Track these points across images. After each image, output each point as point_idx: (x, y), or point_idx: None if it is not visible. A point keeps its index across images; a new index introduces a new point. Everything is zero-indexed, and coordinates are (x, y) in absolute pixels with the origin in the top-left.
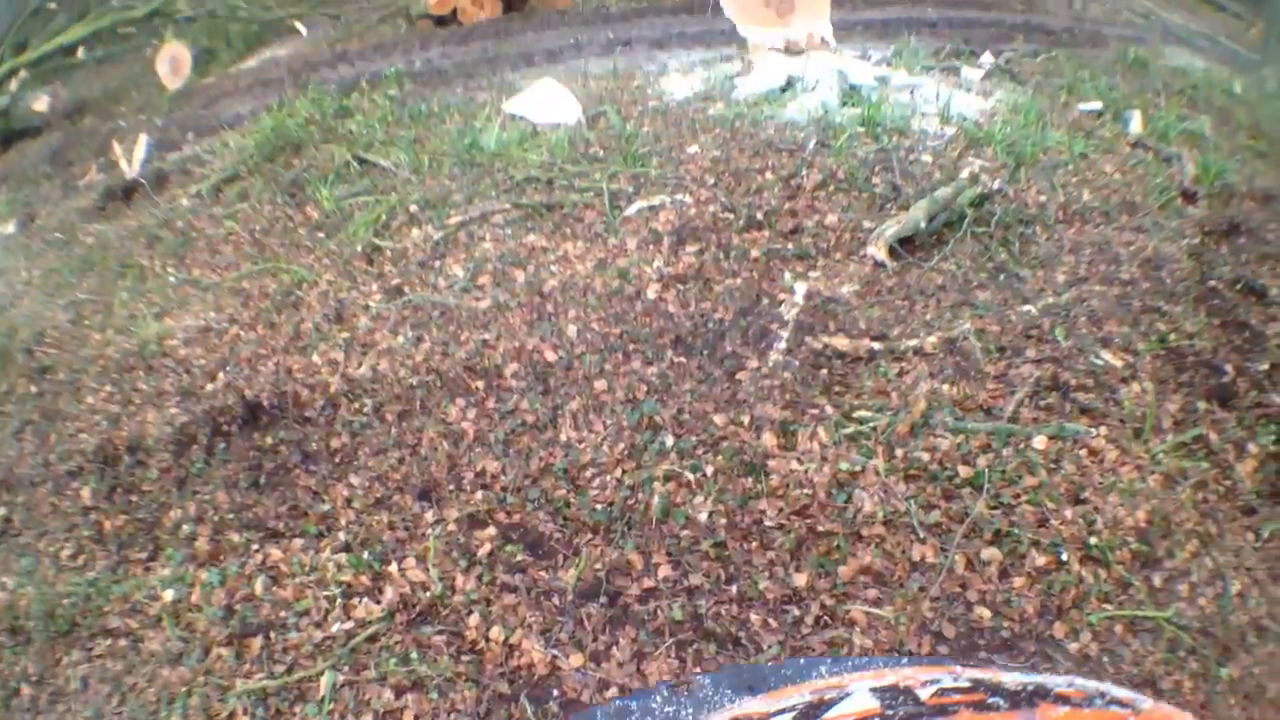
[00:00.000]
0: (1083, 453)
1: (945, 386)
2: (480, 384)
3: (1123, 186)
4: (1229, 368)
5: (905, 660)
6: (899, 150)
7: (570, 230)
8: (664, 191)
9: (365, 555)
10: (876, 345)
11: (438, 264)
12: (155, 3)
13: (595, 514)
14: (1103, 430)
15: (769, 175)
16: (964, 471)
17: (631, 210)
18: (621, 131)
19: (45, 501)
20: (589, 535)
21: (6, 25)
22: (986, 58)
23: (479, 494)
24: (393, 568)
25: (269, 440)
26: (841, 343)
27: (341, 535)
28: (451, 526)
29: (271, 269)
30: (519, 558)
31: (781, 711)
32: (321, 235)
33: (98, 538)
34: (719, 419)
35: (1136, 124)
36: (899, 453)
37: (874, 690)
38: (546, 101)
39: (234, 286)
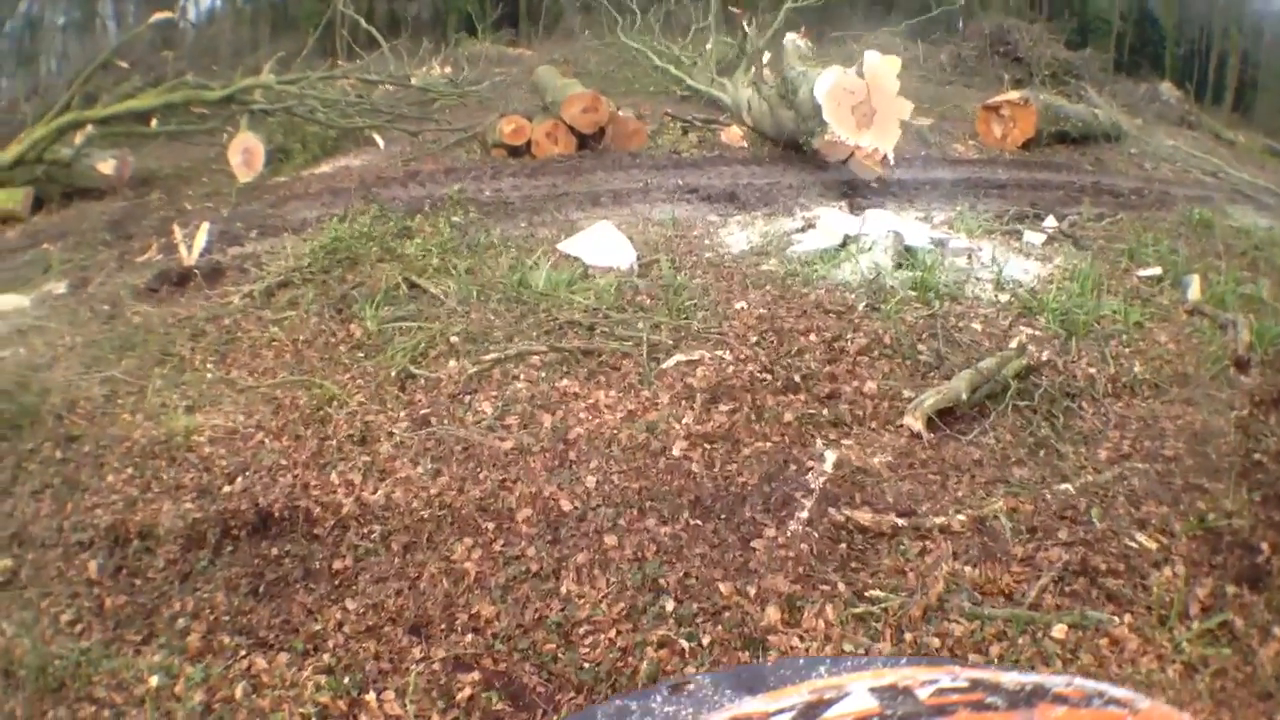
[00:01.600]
0: (1103, 642)
1: (968, 568)
2: (491, 525)
3: (1175, 357)
4: (1265, 546)
5: (904, 660)
6: (948, 317)
7: (604, 379)
8: (704, 346)
9: (346, 680)
10: (901, 521)
11: (468, 399)
12: (232, 88)
13: (582, 672)
14: (1127, 618)
15: (813, 337)
16: (974, 660)
17: (669, 363)
18: (671, 282)
19: (53, 564)
20: (572, 693)
21: (73, 71)
22: (1050, 221)
23: (469, 636)
24: (370, 697)
25: (274, 551)
26: (865, 517)
27: (327, 657)
28: (436, 665)
29: (306, 382)
30: (498, 706)
31: (781, 711)
32: (360, 355)
33: (97, 611)
34: (725, 587)
35: (1195, 289)
36: (908, 636)
37: (873, 690)
38: (602, 244)
39: (268, 393)
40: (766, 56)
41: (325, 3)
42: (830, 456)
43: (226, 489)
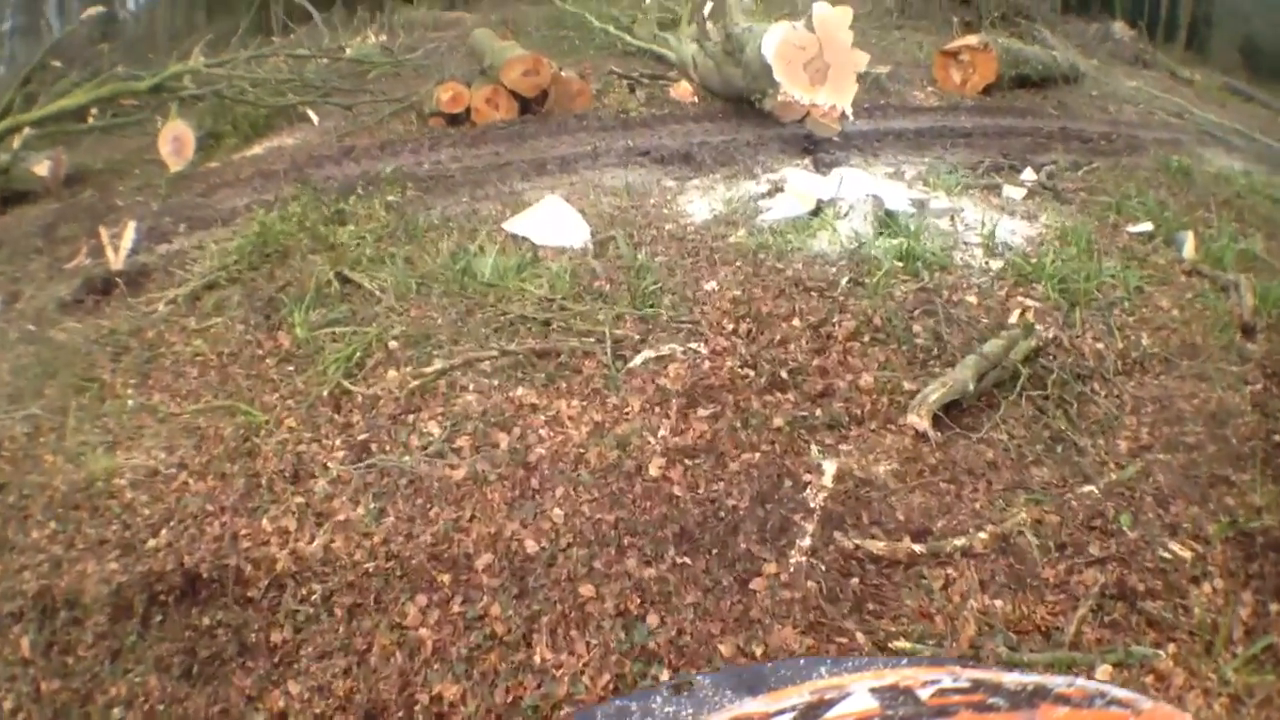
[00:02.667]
0: (1149, 679)
1: (998, 602)
2: (446, 577)
3: (1181, 325)
4: None
5: (905, 660)
6: (940, 290)
7: (566, 384)
8: (676, 338)
9: None
10: (918, 547)
11: (411, 418)
12: (160, 76)
13: None
14: (1171, 649)
15: (796, 322)
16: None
17: (637, 361)
18: (631, 262)
19: None
20: None
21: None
22: (1028, 174)
23: None
24: None
25: (206, 621)
26: (877, 545)
27: None
28: None
29: (230, 407)
30: None
31: (781, 712)
32: (290, 369)
33: (35, 697)
34: (725, 646)
35: (1189, 247)
36: None
37: (874, 690)
38: (552, 222)
39: (190, 423)
40: (708, 7)
41: None
42: (829, 467)
43: (151, 543)
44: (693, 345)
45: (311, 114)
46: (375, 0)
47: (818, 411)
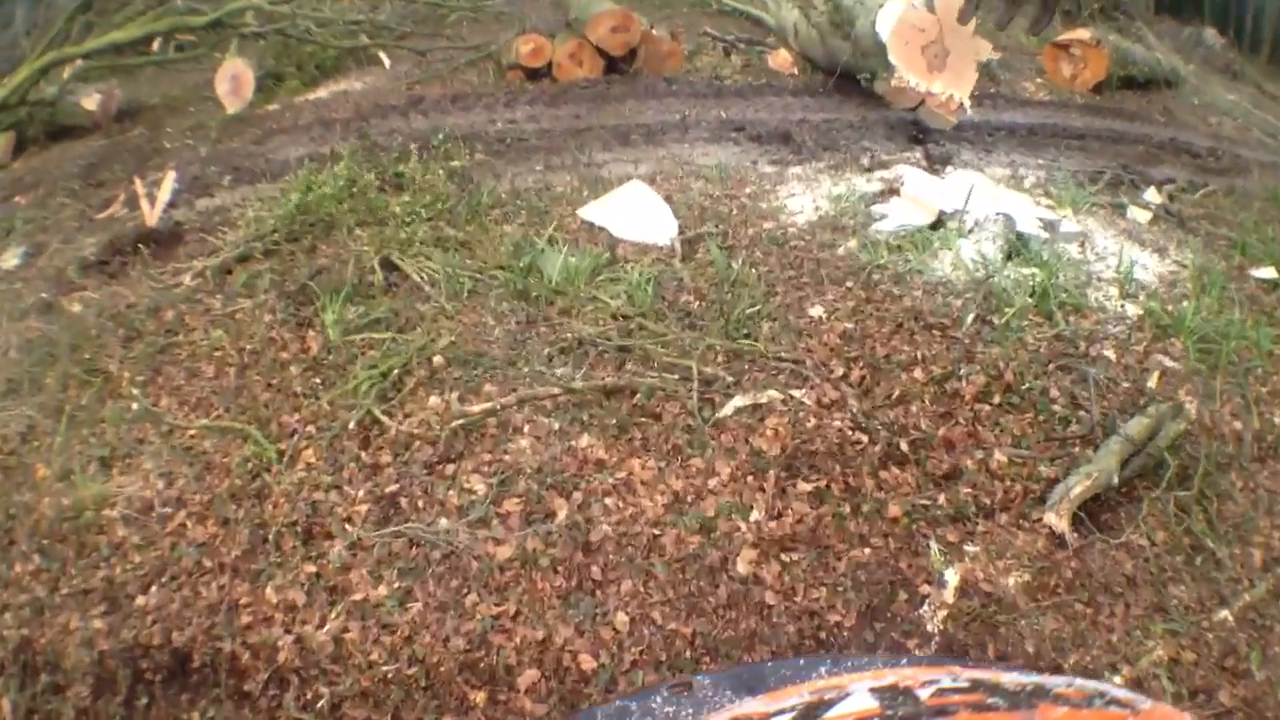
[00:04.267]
0: None
1: None
2: (481, 695)
3: None
4: None
5: (905, 660)
6: (1078, 340)
7: (640, 435)
8: (774, 381)
9: None
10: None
11: (451, 469)
12: (220, 10)
13: None
14: None
15: (918, 373)
16: None
17: (728, 410)
18: (725, 273)
19: None
20: None
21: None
22: (1150, 194)
23: None
24: None
25: (196, 716)
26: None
27: None
28: None
29: (242, 432)
30: None
31: (781, 711)
32: (316, 381)
33: None
34: None
35: None
36: None
37: (873, 690)
38: (635, 212)
39: (195, 444)
40: None
41: None
42: (952, 578)
43: (140, 600)
44: (795, 393)
45: (384, 57)
46: None
47: (941, 498)
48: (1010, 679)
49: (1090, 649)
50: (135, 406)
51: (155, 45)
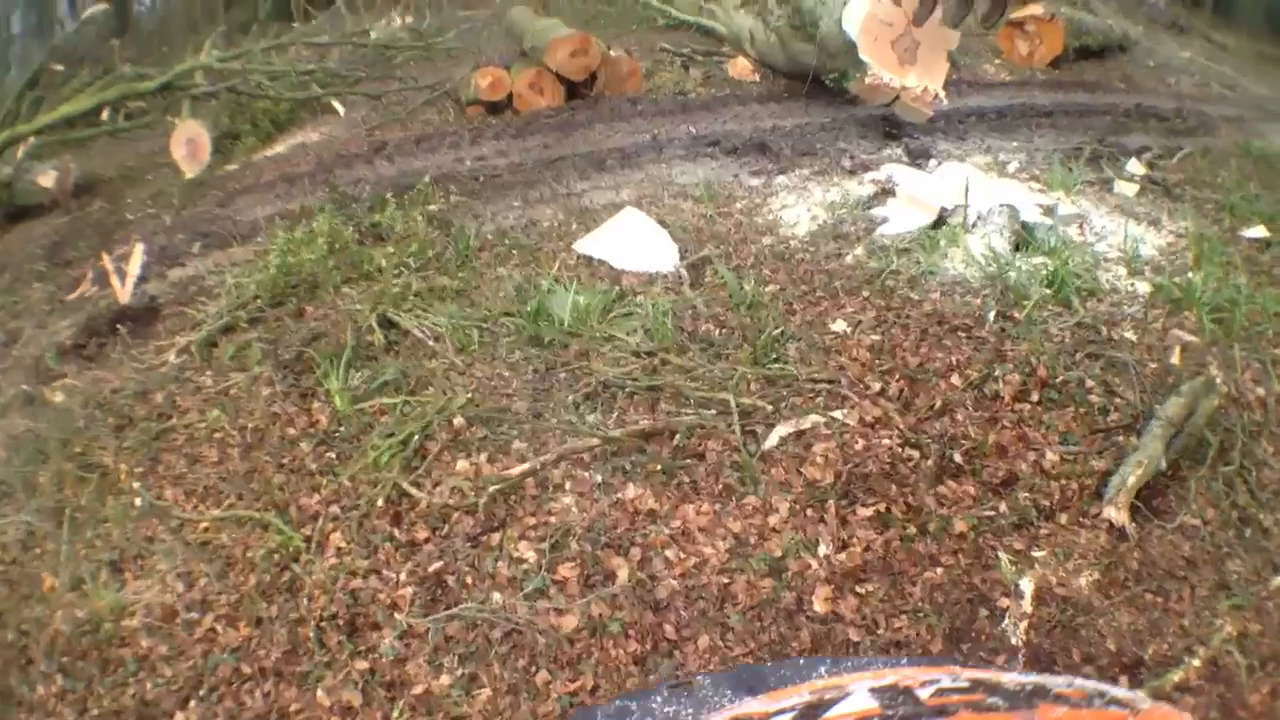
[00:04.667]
0: None
1: None
2: None
3: None
4: None
5: (905, 660)
6: (1099, 325)
7: (688, 478)
8: (813, 404)
9: None
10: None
11: (496, 538)
12: (170, 74)
13: None
14: None
15: (955, 379)
16: None
17: (772, 440)
18: (738, 295)
19: None
20: None
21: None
22: (1133, 165)
23: None
24: None
25: None
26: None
27: None
28: None
29: (260, 519)
30: None
31: (781, 711)
32: (331, 456)
33: None
34: None
35: None
36: None
37: (873, 690)
38: (632, 240)
39: (211, 537)
40: None
41: None
42: (1027, 587)
43: (179, 717)
44: (836, 414)
45: (337, 105)
46: None
47: (1003, 506)
48: (1010, 679)
49: (1166, 637)
50: (139, 502)
51: (104, 115)
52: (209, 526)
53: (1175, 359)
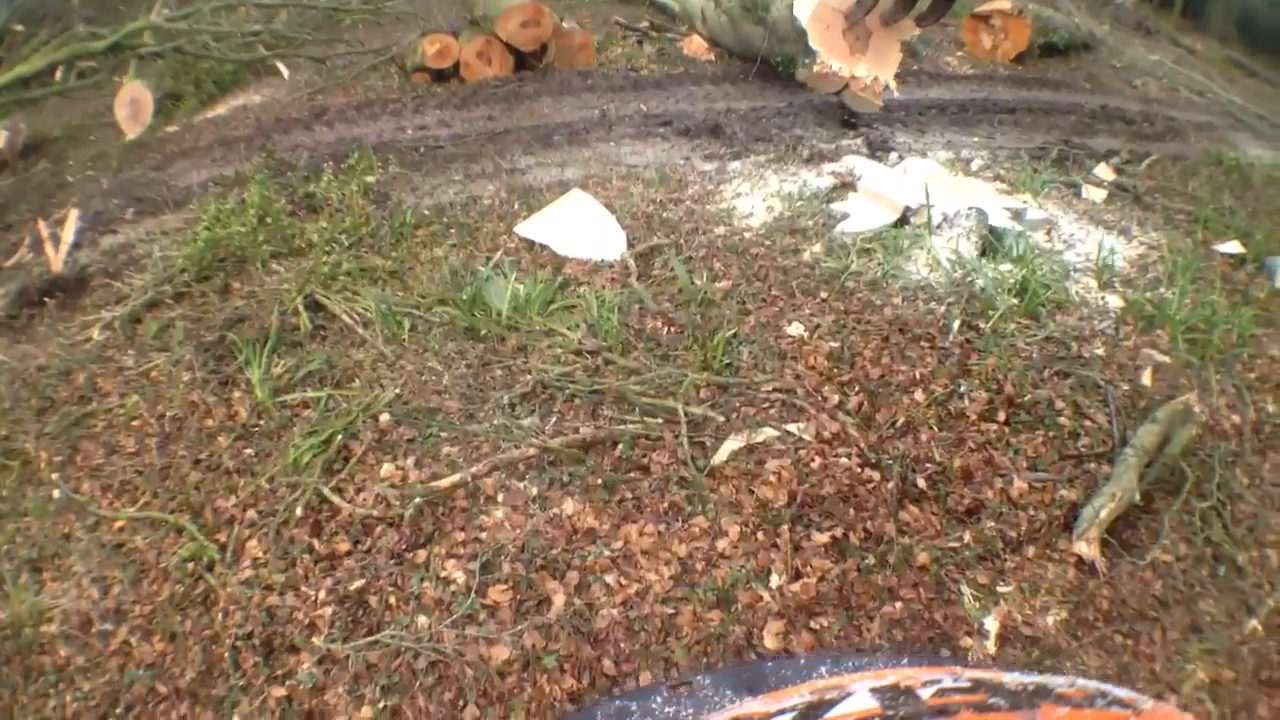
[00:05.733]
0: None
1: None
2: None
3: None
4: None
5: (905, 660)
6: (1068, 340)
7: (631, 494)
8: (767, 415)
9: None
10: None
11: (422, 556)
12: (119, 34)
13: None
14: None
15: (919, 395)
16: None
17: (722, 454)
18: (690, 290)
19: None
20: None
21: None
22: (1101, 169)
23: None
24: None
25: None
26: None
27: None
28: None
29: (174, 523)
30: None
31: (782, 711)
32: (250, 453)
33: None
34: None
35: None
36: None
37: (874, 690)
38: (577, 226)
39: (125, 540)
40: None
41: None
42: (992, 625)
43: None
44: (792, 428)
45: (282, 68)
46: None
47: (967, 536)
48: (1012, 679)
49: (1134, 682)
50: (57, 494)
51: (58, 75)
52: (124, 526)
53: (1147, 380)
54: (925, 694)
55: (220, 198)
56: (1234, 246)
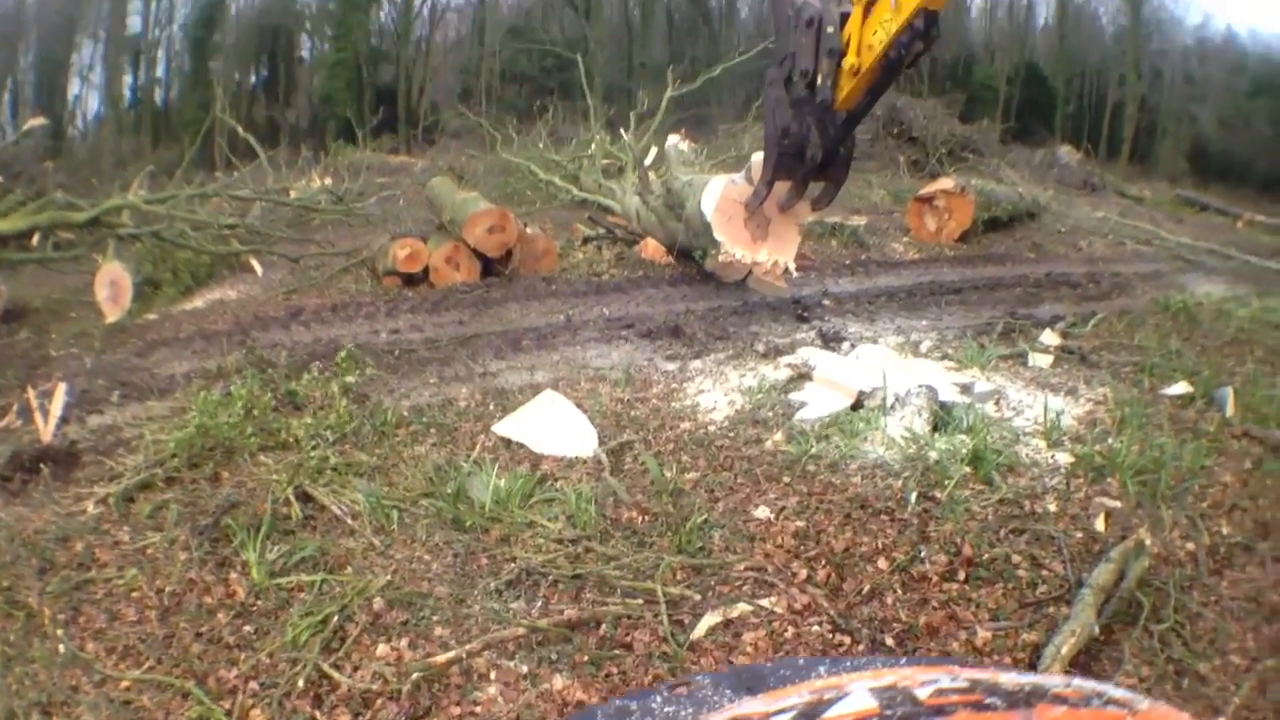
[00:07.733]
0: None
1: None
2: None
3: (1249, 502)
4: None
5: (903, 660)
6: (1021, 500)
7: (617, 669)
8: (741, 592)
9: None
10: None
11: None
12: (99, 209)
13: None
14: None
15: (882, 563)
16: None
17: (700, 629)
18: (661, 482)
19: None
20: None
21: None
22: (1046, 336)
23: None
24: None
25: None
26: (1005, 678)
27: None
28: None
29: (180, 687)
30: None
31: (780, 711)
32: (249, 630)
33: None
34: None
35: (1230, 405)
36: None
37: (872, 690)
38: (552, 425)
39: (132, 698)
40: (651, 156)
41: (205, 111)
42: None
43: None
44: (764, 602)
45: (255, 264)
46: (319, 139)
47: None
48: (1008, 679)
49: None
50: (63, 649)
51: (35, 240)
52: (130, 686)
53: (1100, 525)
54: (923, 694)
55: (205, 389)
56: (1181, 387)
